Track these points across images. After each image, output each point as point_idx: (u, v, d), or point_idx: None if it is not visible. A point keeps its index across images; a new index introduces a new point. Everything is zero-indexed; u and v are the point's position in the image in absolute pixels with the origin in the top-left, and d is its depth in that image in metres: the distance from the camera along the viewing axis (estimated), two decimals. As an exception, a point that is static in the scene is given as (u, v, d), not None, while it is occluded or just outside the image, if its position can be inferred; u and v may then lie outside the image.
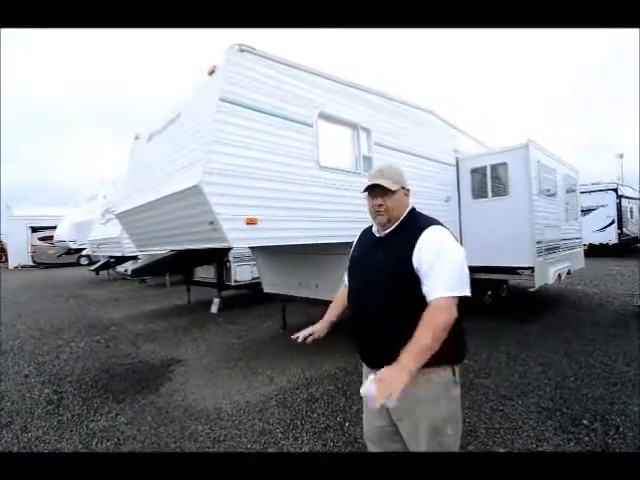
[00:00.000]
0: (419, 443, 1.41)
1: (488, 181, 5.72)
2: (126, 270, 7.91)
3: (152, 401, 3.34)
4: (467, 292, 1.34)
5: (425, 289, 1.34)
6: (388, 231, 1.51)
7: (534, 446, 2.41)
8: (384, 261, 1.45)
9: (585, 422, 2.67)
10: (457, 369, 1.46)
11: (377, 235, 1.56)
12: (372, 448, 1.62)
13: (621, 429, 2.56)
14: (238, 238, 3.06)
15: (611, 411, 2.80)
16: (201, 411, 3.10)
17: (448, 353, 1.35)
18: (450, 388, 1.43)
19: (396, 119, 4.79)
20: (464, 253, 1.40)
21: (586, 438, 2.47)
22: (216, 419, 2.96)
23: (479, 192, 5.86)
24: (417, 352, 1.20)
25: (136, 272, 7.89)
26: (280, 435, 2.68)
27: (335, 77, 3.97)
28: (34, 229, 21.52)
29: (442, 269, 1.31)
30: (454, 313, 1.28)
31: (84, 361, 4.55)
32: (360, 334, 1.56)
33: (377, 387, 1.11)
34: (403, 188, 1.51)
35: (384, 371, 1.17)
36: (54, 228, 18.32)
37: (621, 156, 27.86)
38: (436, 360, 1.27)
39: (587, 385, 3.27)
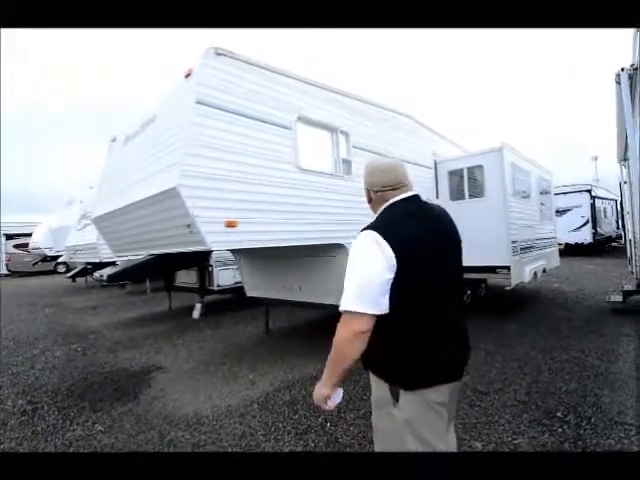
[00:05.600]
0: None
1: (465, 183, 5.85)
2: (102, 276, 7.57)
3: (130, 409, 3.27)
4: (360, 309, 1.18)
5: None
6: None
7: (509, 439, 2.47)
8: None
9: (559, 414, 2.75)
10: (401, 393, 1.29)
11: None
12: None
13: (593, 420, 2.64)
14: (217, 241, 3.04)
15: (584, 403, 2.90)
16: (181, 417, 3.06)
17: (379, 368, 1.38)
18: (388, 404, 1.34)
19: (375, 123, 4.86)
20: (380, 263, 1.20)
21: (559, 430, 2.54)
22: (196, 424, 2.92)
23: (456, 194, 5.99)
24: (328, 366, 1.30)
25: (112, 278, 7.54)
26: (261, 437, 2.67)
27: (314, 81, 4.01)
28: (9, 236, 20.80)
29: (346, 282, 1.25)
30: (353, 328, 1.20)
31: (60, 370, 4.42)
32: None
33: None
34: None
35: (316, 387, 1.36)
36: (29, 235, 17.78)
37: (595, 158, 28.75)
38: (373, 369, 1.39)
39: (561, 379, 3.37)
